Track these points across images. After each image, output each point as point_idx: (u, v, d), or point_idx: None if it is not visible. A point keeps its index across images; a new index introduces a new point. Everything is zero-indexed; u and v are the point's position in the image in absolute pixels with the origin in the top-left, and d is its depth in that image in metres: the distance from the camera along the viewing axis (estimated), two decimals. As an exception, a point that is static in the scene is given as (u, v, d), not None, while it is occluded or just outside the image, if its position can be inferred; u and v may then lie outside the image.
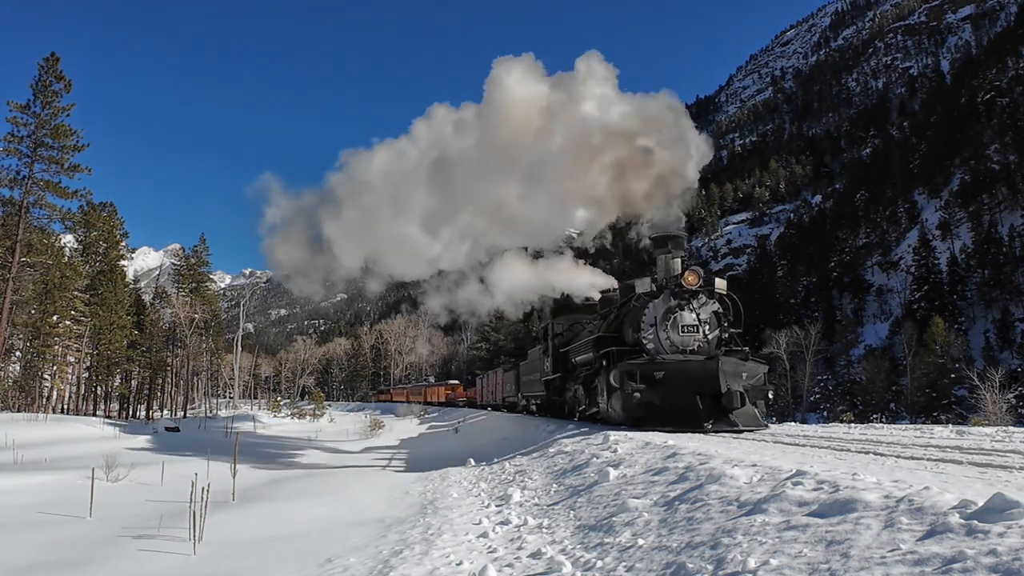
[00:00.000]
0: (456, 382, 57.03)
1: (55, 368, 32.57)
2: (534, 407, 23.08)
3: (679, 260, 12.65)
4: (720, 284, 12.28)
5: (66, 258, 32.57)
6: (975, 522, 2.96)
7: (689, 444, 7.62)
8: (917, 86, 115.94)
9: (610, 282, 19.05)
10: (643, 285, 12.28)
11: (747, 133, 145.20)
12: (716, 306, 12.04)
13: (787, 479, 4.60)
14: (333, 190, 17.75)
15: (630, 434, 10.00)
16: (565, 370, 16.68)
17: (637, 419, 11.04)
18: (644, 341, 11.75)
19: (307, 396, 64.62)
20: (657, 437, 8.91)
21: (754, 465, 5.44)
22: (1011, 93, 69.01)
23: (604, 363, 12.40)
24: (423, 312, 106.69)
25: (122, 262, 38.77)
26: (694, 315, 11.79)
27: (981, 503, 3.13)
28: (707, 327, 11.79)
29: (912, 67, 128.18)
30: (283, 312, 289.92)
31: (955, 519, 3.05)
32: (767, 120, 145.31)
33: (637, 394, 10.77)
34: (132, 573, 5.76)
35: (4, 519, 7.84)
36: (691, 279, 11.75)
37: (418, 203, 16.44)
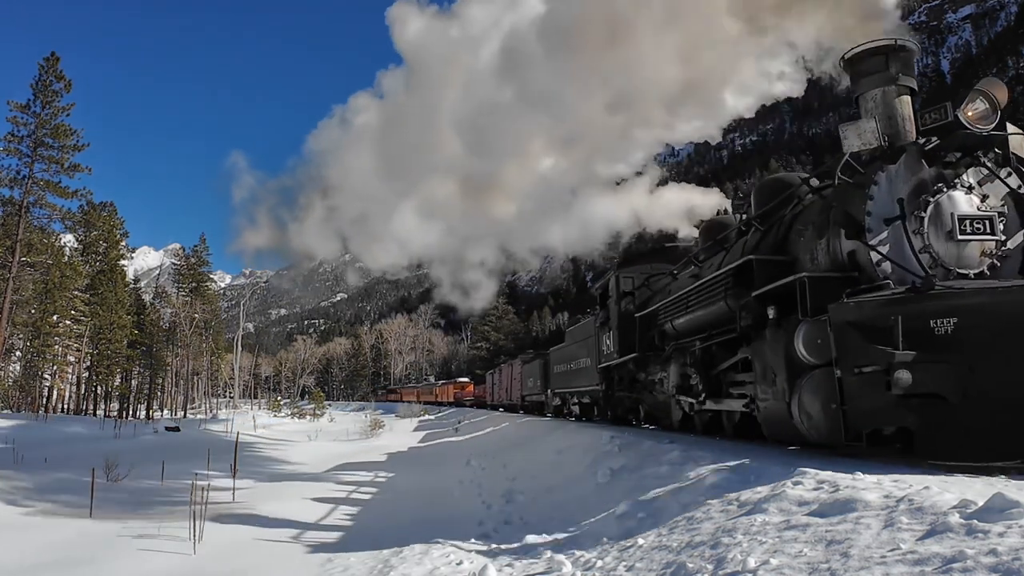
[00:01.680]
0: (466, 380, 55.62)
1: (55, 368, 32.59)
2: (575, 408, 17.21)
3: (908, 98, 6.36)
4: (1016, 130, 5.93)
5: (66, 258, 32.56)
6: (975, 522, 2.96)
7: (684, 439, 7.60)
8: (917, 85, 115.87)
9: (713, 200, 12.72)
10: (859, 135, 5.91)
11: (747, 132, 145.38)
12: (1015, 179, 5.90)
13: (787, 478, 4.60)
14: (295, 176, 16.12)
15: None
16: (647, 347, 10.64)
17: (875, 439, 5.23)
18: (868, 260, 5.63)
19: (307, 396, 64.66)
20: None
21: (754, 465, 5.43)
22: (1011, 93, 68.99)
23: (770, 315, 6.20)
24: (422, 312, 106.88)
25: (122, 262, 38.77)
26: (977, 198, 5.72)
27: (981, 503, 3.13)
28: (1003, 222, 5.67)
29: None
30: (283, 312, 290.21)
31: (955, 519, 3.05)
32: (768, 120, 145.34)
33: (903, 375, 4.74)
34: (132, 573, 5.76)
35: (4, 519, 7.84)
36: (976, 113, 5.63)
37: (373, 183, 14.30)
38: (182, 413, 43.74)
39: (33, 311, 30.50)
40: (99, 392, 38.50)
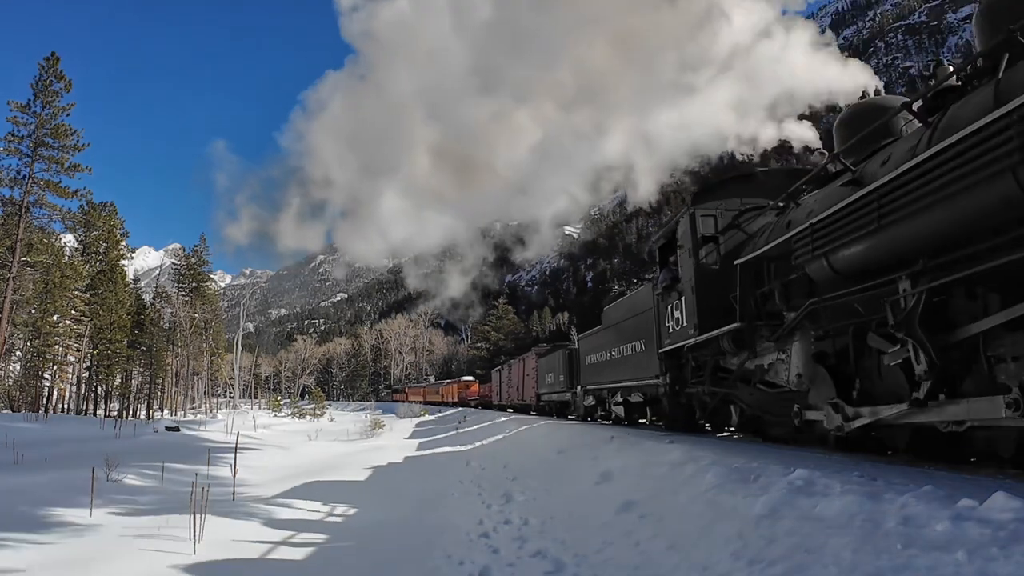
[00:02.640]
0: (470, 379, 54.94)
1: (55, 368, 32.61)
2: (617, 409, 13.43)
3: None
4: None
5: (66, 258, 32.61)
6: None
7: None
8: (918, 85, 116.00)
9: (854, 78, 7.81)
10: None
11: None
12: None
13: (788, 476, 4.60)
14: (280, 167, 15.69)
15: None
16: (753, 312, 7.26)
17: None
18: None
19: (307, 396, 64.67)
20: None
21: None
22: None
23: None
24: (422, 312, 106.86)
25: (122, 262, 38.81)
26: None
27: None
28: None
29: (913, 66, 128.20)
30: (283, 312, 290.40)
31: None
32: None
33: None
34: (132, 573, 5.75)
35: (4, 519, 7.84)
36: None
37: (351, 169, 13.43)
38: (182, 413, 43.76)
39: (33, 311, 30.52)
40: (99, 392, 38.52)
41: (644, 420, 12.66)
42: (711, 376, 8.45)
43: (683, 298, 8.91)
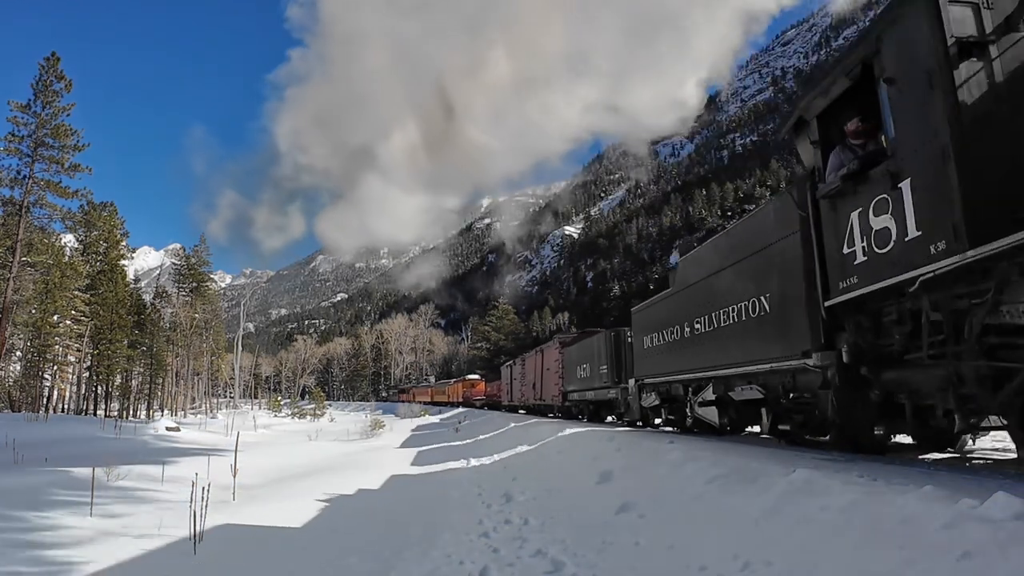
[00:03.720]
0: (476, 377, 53.38)
1: (55, 368, 32.62)
2: (704, 409, 8.65)
3: None
4: None
5: (66, 258, 32.63)
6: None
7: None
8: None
9: None
10: None
11: (748, 133, 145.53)
12: None
13: (788, 476, 4.60)
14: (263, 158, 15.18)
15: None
16: None
17: None
18: None
19: (308, 396, 64.69)
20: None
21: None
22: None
23: None
24: (422, 312, 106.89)
25: (122, 262, 38.84)
26: None
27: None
28: None
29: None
30: (283, 312, 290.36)
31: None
32: (768, 120, 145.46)
33: None
34: (132, 573, 5.75)
35: (4, 519, 7.84)
36: None
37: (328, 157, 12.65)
38: (182, 413, 43.76)
39: (33, 311, 30.54)
40: (99, 392, 38.52)
41: (799, 433, 7.06)
42: (977, 342, 3.98)
43: (905, 185, 4.30)
